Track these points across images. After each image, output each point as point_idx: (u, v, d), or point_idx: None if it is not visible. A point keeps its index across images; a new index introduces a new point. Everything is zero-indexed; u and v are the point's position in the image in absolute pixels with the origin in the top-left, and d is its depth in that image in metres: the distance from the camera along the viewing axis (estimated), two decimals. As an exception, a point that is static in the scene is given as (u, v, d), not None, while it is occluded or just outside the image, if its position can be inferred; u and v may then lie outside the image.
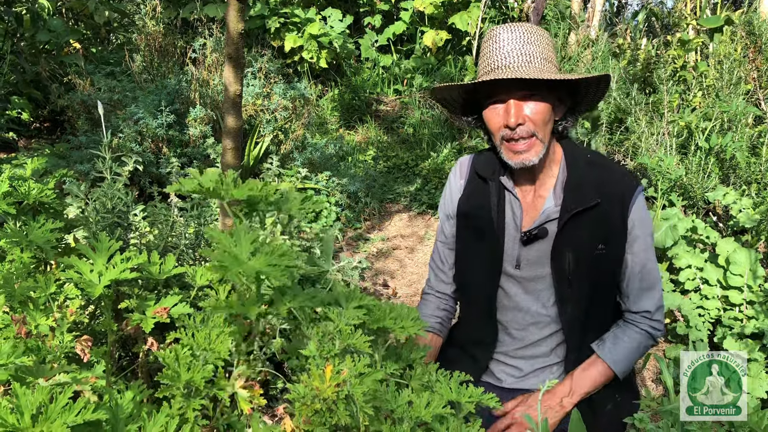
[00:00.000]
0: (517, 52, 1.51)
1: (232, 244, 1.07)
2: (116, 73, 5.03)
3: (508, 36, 1.54)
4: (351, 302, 1.30)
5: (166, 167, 3.77)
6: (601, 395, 1.66)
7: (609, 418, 1.68)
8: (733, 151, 3.56)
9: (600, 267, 1.62)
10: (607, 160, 1.71)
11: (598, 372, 1.62)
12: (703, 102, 4.31)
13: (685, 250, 3.19)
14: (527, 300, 1.69)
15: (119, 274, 1.43)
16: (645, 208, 1.62)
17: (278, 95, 4.68)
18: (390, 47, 7.77)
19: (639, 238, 1.62)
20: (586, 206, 1.57)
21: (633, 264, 1.63)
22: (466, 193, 1.76)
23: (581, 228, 1.59)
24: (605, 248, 1.60)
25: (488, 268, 1.70)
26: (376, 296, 3.82)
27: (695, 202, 3.69)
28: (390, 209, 5.19)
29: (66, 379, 1.14)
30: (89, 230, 1.66)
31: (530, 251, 1.65)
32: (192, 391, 1.07)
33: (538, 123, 1.53)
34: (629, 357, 1.63)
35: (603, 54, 6.71)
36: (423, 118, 6.56)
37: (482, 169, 1.72)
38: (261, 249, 1.07)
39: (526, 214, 1.67)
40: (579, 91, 1.60)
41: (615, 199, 1.59)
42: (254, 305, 1.07)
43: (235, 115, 2.83)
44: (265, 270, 1.01)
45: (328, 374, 1.08)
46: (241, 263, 1.03)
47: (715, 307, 3.01)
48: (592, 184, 1.59)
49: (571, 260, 1.60)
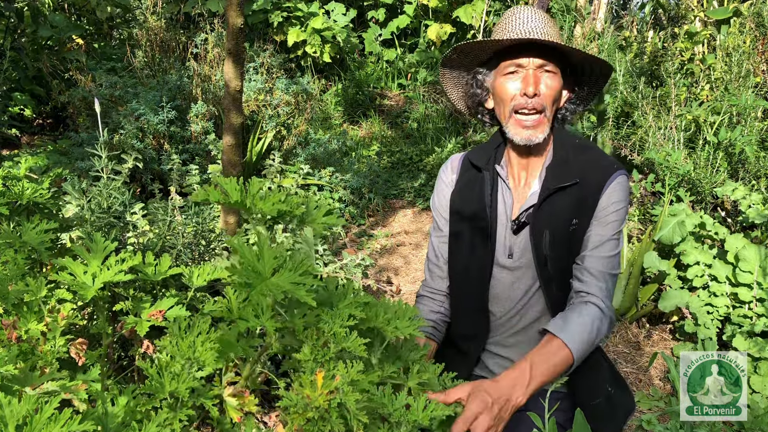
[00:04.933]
0: (539, 27, 1.56)
1: (255, 259, 1.04)
2: (117, 69, 4.99)
3: (529, 14, 1.58)
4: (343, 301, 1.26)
5: (168, 164, 3.74)
6: (591, 388, 1.64)
7: (602, 413, 1.65)
8: (743, 145, 3.50)
9: (574, 243, 1.60)
10: (595, 147, 1.72)
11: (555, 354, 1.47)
12: (711, 95, 4.24)
13: (693, 246, 3.14)
14: (516, 287, 1.68)
15: (113, 276, 1.39)
16: (621, 195, 1.59)
17: (280, 90, 4.63)
18: (394, 41, 7.71)
19: (602, 219, 1.59)
20: (565, 184, 1.58)
21: (589, 241, 1.60)
22: (458, 187, 1.76)
23: (558, 205, 1.59)
24: (577, 223, 1.59)
25: (482, 260, 1.69)
26: (379, 294, 3.78)
27: (703, 198, 3.63)
28: (394, 205, 5.15)
29: (54, 387, 1.10)
30: (84, 230, 1.62)
31: (519, 238, 1.65)
32: (178, 401, 1.04)
33: (550, 99, 1.57)
34: (582, 333, 1.50)
35: (609, 47, 6.64)
36: (427, 113, 6.51)
37: (477, 159, 1.73)
38: (284, 265, 1.04)
39: (516, 201, 1.67)
40: (583, 71, 1.64)
41: (593, 180, 1.59)
42: (271, 319, 1.03)
43: (236, 111, 2.80)
44: (289, 288, 0.99)
45: (319, 381, 1.04)
46: (265, 280, 1.01)
47: (724, 305, 2.96)
48: (574, 166, 1.60)
49: (547, 239, 1.60)
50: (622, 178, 1.60)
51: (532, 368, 1.43)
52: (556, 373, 1.47)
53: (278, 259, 1.05)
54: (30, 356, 1.25)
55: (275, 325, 1.04)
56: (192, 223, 2.14)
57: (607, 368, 1.73)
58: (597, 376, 1.67)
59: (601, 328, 1.54)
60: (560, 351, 1.47)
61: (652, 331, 3.26)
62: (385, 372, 1.24)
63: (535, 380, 1.42)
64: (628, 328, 3.31)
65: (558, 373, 1.47)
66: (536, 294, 1.67)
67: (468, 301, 1.77)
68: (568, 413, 1.68)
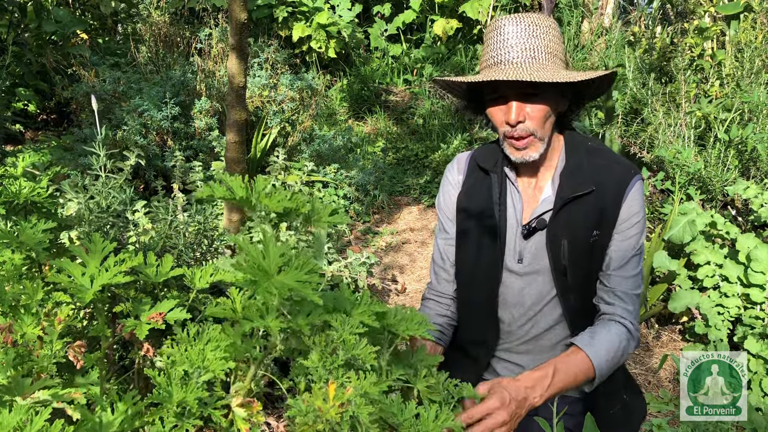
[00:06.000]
0: (521, 47, 1.48)
1: (260, 256, 1.01)
2: (121, 65, 4.96)
3: (513, 29, 1.50)
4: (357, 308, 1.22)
5: (171, 160, 3.71)
6: (609, 396, 1.61)
7: (618, 421, 1.63)
8: (754, 143, 3.44)
9: (595, 255, 1.57)
10: (608, 149, 1.67)
11: (578, 366, 1.46)
12: (721, 92, 4.18)
13: (703, 245, 3.09)
14: (528, 294, 1.65)
15: (112, 278, 1.35)
16: (639, 204, 1.56)
17: (285, 86, 4.59)
18: (399, 36, 7.66)
19: (624, 233, 1.56)
20: (581, 192, 1.54)
21: (612, 260, 1.57)
22: (465, 188, 1.72)
23: (576, 215, 1.56)
24: (599, 234, 1.56)
25: (490, 265, 1.66)
26: (384, 294, 3.74)
27: (714, 196, 3.57)
28: (400, 202, 5.11)
29: (46, 396, 1.06)
30: (82, 230, 1.59)
31: (530, 243, 1.62)
32: (185, 411, 1.00)
33: (538, 121, 1.50)
34: (609, 352, 1.49)
35: (617, 42, 6.57)
36: (433, 109, 6.46)
37: (484, 161, 1.69)
38: (290, 263, 1.01)
39: (526, 206, 1.64)
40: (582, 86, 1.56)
41: (611, 187, 1.55)
42: (276, 319, 0.99)
43: (239, 107, 2.75)
44: (295, 287, 0.96)
45: (331, 393, 1.01)
46: (271, 278, 0.98)
47: (735, 306, 2.91)
48: (589, 171, 1.56)
49: (566, 248, 1.56)
50: (638, 184, 1.57)
51: (555, 374, 1.41)
52: (576, 384, 1.46)
53: (284, 257, 1.02)
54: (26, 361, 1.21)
55: (280, 325, 1.01)
56: (194, 222, 2.11)
57: (623, 375, 1.70)
58: (614, 384, 1.64)
59: (627, 348, 1.53)
60: (583, 364, 1.46)
61: (662, 332, 3.21)
62: (393, 375, 1.20)
63: (555, 386, 1.41)
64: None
65: (577, 384, 1.46)
66: (552, 302, 1.63)
67: (476, 307, 1.73)
68: (578, 418, 1.65)
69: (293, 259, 1.02)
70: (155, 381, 1.05)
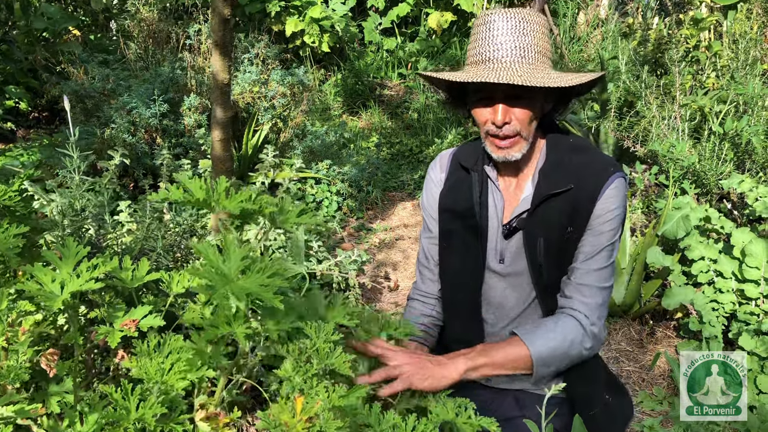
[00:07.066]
0: (511, 45, 1.44)
1: (221, 261, 0.97)
2: (110, 62, 4.90)
3: (503, 24, 1.46)
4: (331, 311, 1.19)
5: (160, 158, 3.66)
6: (588, 397, 1.58)
7: (600, 423, 1.58)
8: (749, 135, 3.39)
9: (569, 252, 1.54)
10: (591, 147, 1.63)
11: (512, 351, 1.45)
12: (717, 83, 4.13)
13: (697, 240, 3.05)
14: (510, 295, 1.63)
15: (84, 284, 1.31)
16: (617, 201, 1.51)
17: (276, 82, 4.54)
18: (394, 30, 7.60)
19: (596, 228, 1.52)
20: (559, 190, 1.51)
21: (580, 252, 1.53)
22: (447, 186, 1.69)
23: (551, 212, 1.52)
24: (572, 231, 1.52)
25: (472, 264, 1.64)
26: (374, 292, 3.70)
27: (709, 190, 3.53)
28: (393, 198, 5.06)
29: (10, 413, 1.03)
30: (55, 234, 1.55)
31: (511, 243, 1.59)
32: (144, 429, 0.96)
33: (524, 122, 1.47)
34: (550, 343, 1.46)
35: (613, 34, 6.52)
36: (428, 103, 6.41)
37: (465, 159, 1.66)
38: (252, 266, 0.97)
39: (507, 204, 1.61)
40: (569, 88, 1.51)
41: (588, 183, 1.51)
42: (242, 325, 0.96)
43: (224, 104, 2.71)
44: (255, 291, 0.92)
45: (298, 407, 0.97)
46: (230, 282, 0.95)
47: (729, 302, 2.87)
48: (568, 169, 1.53)
49: (542, 246, 1.53)
50: (618, 181, 1.51)
51: (482, 352, 1.45)
52: (511, 370, 1.46)
53: (245, 261, 0.98)
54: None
55: (246, 331, 0.97)
56: (175, 223, 2.07)
57: (604, 376, 1.67)
58: (593, 385, 1.61)
59: (578, 342, 1.49)
60: (519, 351, 1.45)
61: (656, 329, 3.17)
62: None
63: (480, 362, 1.43)
64: (630, 325, 3.23)
65: (513, 370, 1.46)
66: (533, 304, 1.61)
67: (461, 307, 1.71)
68: (566, 418, 1.62)
69: (256, 262, 0.98)
70: (111, 398, 1.01)
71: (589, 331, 1.50)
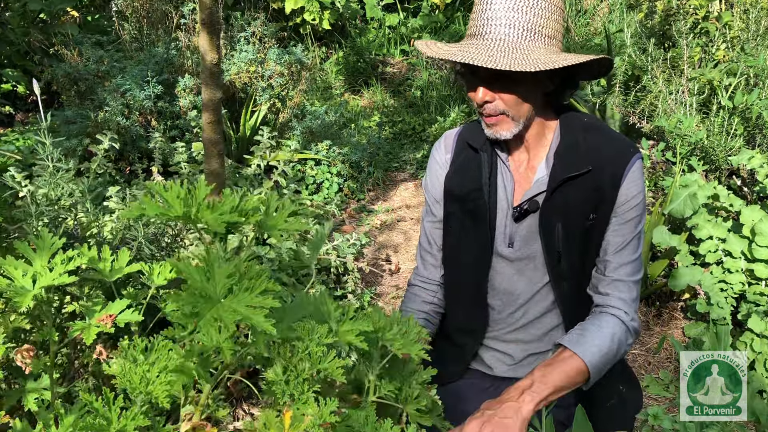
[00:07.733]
0: (501, 21, 1.37)
1: (204, 279, 0.88)
2: (104, 43, 4.81)
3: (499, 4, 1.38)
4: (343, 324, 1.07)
5: (153, 142, 3.59)
6: (604, 388, 1.53)
7: (614, 413, 1.58)
8: (760, 109, 3.28)
9: (592, 240, 1.49)
10: (606, 126, 1.58)
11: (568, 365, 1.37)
12: (728, 56, 3.99)
13: (706, 219, 2.96)
14: (519, 280, 1.57)
15: (57, 278, 1.24)
16: (639, 184, 1.48)
17: (273, 61, 4.44)
18: (396, 5, 7.44)
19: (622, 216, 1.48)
20: (576, 173, 1.45)
21: (609, 244, 1.49)
22: (453, 168, 1.63)
23: (571, 196, 1.47)
24: (595, 218, 1.47)
25: (480, 249, 1.58)
26: (373, 277, 3.64)
27: (717, 167, 3.42)
28: (395, 178, 4.98)
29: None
30: (29, 225, 1.48)
31: (522, 227, 1.54)
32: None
33: (510, 102, 1.42)
34: (602, 347, 1.40)
35: (620, 6, 6.35)
36: (431, 80, 6.29)
37: (473, 139, 1.59)
38: (239, 284, 0.88)
39: (518, 186, 1.55)
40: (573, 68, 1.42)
41: (609, 166, 1.46)
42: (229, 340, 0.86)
43: (214, 85, 2.62)
44: (244, 314, 0.84)
45: (287, 422, 0.90)
46: (215, 304, 0.86)
47: (738, 282, 2.79)
48: (584, 150, 1.47)
49: (560, 232, 1.48)
50: (638, 162, 1.47)
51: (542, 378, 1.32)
52: (572, 385, 1.36)
53: (232, 278, 0.89)
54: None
55: (233, 347, 0.88)
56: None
57: (619, 367, 1.62)
58: (611, 376, 1.55)
59: (623, 340, 1.45)
60: (574, 363, 1.36)
61: (663, 310, 3.09)
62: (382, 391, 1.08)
63: (544, 388, 1.30)
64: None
65: (573, 385, 1.37)
66: (544, 289, 1.56)
67: (465, 293, 1.66)
68: (569, 410, 1.57)
69: (243, 279, 0.89)
70: (92, 407, 0.94)
71: (630, 327, 1.46)
